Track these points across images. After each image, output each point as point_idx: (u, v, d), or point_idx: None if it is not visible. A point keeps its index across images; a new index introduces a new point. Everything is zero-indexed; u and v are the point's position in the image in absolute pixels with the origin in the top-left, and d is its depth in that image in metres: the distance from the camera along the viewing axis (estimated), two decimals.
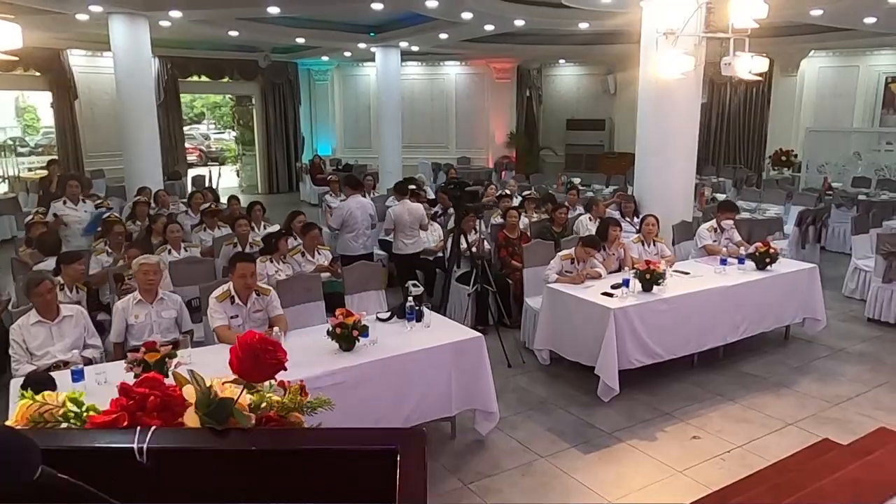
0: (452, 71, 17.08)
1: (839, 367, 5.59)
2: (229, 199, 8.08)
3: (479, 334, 4.31)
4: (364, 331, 3.98)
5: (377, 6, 8.32)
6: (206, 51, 14.80)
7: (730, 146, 15.73)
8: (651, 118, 7.58)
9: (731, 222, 6.70)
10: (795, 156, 14.07)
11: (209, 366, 3.72)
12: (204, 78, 15.88)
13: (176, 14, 8.94)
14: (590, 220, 7.27)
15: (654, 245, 6.21)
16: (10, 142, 21.75)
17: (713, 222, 6.78)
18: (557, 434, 4.47)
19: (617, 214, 7.83)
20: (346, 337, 3.90)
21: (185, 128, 29.71)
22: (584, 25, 10.05)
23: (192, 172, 16.05)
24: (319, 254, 5.88)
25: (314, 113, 17.63)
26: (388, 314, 4.55)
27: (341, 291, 5.28)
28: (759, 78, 7.33)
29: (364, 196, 7.69)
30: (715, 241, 6.67)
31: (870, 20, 9.49)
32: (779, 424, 4.59)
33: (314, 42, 12.56)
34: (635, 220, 7.64)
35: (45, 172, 14.67)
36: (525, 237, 6.96)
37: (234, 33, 11.01)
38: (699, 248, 6.69)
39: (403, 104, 16.54)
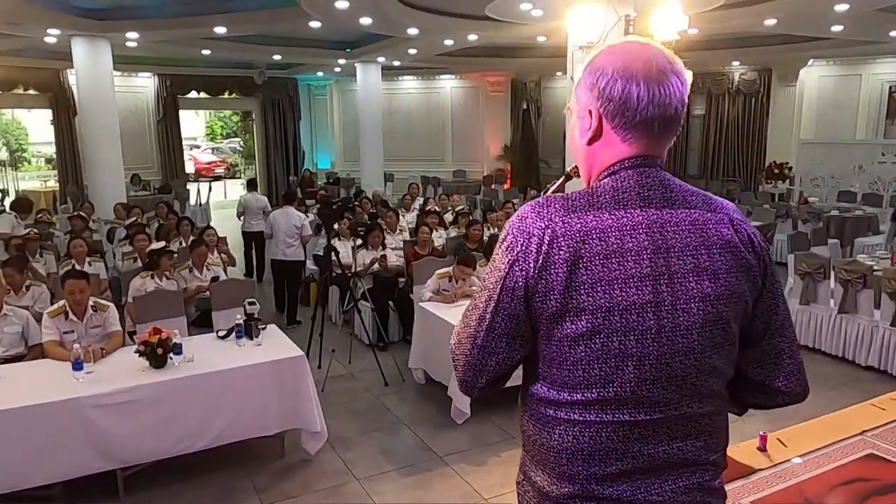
0: (448, 84, 17.13)
1: None
2: (167, 214, 8.29)
3: (301, 354, 4.30)
4: (175, 348, 4.03)
5: (314, 24, 8.45)
6: (205, 68, 15.28)
7: (728, 159, 15.25)
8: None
9: None
10: (790, 168, 13.52)
11: (19, 380, 3.88)
12: (203, 94, 16.36)
13: (133, 35, 9.28)
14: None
15: None
16: (53, 156, 22.98)
17: None
18: (388, 456, 4.41)
19: None
20: (152, 354, 3.95)
21: (225, 141, 30.80)
22: (541, 39, 9.94)
23: (190, 187, 16.50)
24: (209, 270, 5.97)
25: (314, 127, 17.96)
26: (226, 332, 4.59)
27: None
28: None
29: (297, 208, 7.73)
30: None
31: (837, 28, 9.08)
32: None
33: (292, 59, 12.82)
34: None
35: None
36: (439, 253, 6.92)
37: (206, 52, 11.33)
38: None
39: (400, 117, 16.74)
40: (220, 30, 8.84)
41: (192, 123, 29.80)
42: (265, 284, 8.53)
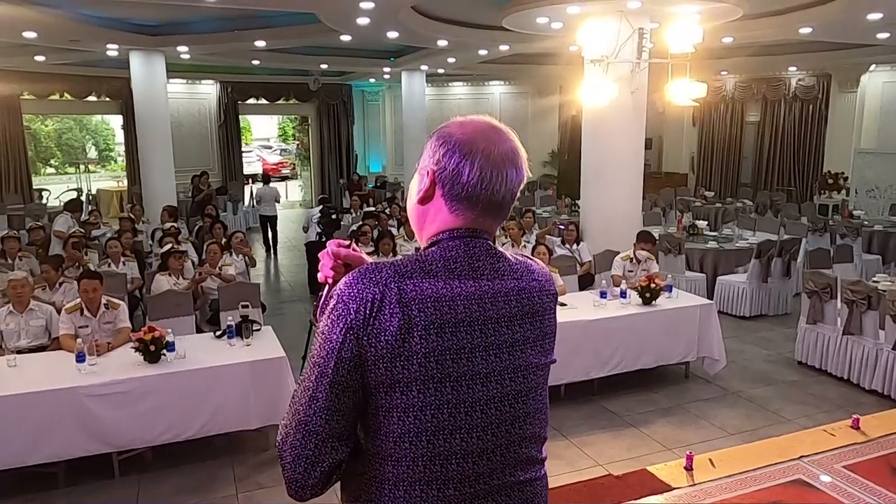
0: (497, 90, 17.29)
1: (713, 412, 5.30)
2: (203, 216, 8.85)
3: (283, 355, 4.61)
4: (167, 345, 4.42)
5: (346, 38, 8.82)
6: (264, 75, 16.03)
7: (783, 167, 14.70)
8: (591, 144, 7.49)
9: (646, 253, 6.50)
10: (845, 179, 12.93)
11: (34, 368, 4.36)
12: (262, 100, 17.14)
13: (184, 48, 9.94)
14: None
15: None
16: None
17: (629, 251, 6.60)
18: None
19: (558, 241, 7.78)
20: (146, 350, 4.35)
21: (294, 142, 31.99)
22: (573, 48, 9.96)
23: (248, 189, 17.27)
24: (228, 264, 6.40)
25: (367, 131, 18.49)
26: (221, 332, 4.96)
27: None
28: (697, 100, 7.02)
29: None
30: (631, 271, 6.50)
31: (882, 35, 8.71)
32: (587, 464, 4.51)
33: (339, 68, 13.29)
34: (575, 247, 7.56)
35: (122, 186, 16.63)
36: None
37: (255, 62, 11.94)
38: (610, 277, 6.55)
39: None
40: (260, 43, 9.38)
41: (267, 125, 31.07)
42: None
